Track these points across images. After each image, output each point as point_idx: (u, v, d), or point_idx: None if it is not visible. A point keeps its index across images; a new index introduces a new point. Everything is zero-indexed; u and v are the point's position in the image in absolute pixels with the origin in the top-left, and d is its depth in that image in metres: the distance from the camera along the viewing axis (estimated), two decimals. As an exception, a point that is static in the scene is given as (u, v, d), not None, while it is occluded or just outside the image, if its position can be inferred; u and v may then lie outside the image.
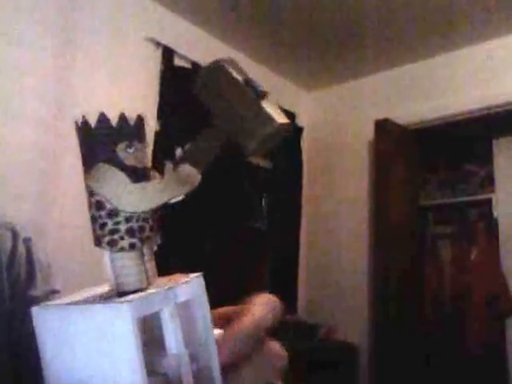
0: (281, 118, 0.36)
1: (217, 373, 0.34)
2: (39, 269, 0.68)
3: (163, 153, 2.61)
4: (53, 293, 0.66)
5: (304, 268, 3.90)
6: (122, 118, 0.34)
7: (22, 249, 0.67)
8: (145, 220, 0.34)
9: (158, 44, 3.03)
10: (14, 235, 0.67)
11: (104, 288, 0.36)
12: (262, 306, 0.37)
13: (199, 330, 0.35)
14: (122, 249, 0.34)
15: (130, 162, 0.33)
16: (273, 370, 0.36)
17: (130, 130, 0.34)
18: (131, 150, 0.33)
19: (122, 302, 0.30)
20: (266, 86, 0.38)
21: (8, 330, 0.61)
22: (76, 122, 0.34)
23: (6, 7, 2.38)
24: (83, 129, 0.34)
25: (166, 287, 0.33)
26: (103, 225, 0.34)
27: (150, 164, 0.35)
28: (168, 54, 3.06)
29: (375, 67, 3.75)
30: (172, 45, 3.07)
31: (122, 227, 0.33)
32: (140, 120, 0.34)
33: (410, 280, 3.47)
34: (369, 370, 3.45)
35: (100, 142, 0.33)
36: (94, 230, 0.34)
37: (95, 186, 0.33)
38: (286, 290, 3.75)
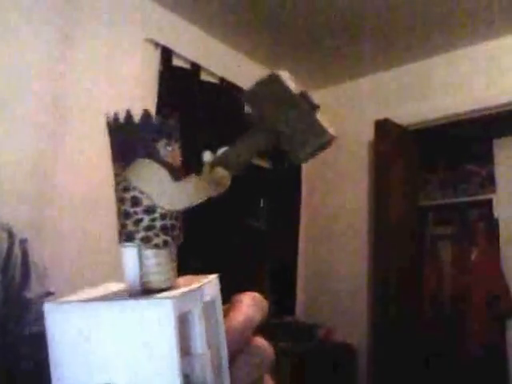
0: (332, 131, 0.39)
1: (227, 374, 0.35)
2: (34, 271, 0.67)
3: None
4: (47, 295, 0.65)
5: (303, 269, 3.89)
6: (162, 117, 0.35)
7: (17, 250, 0.66)
8: (176, 218, 0.35)
9: (156, 44, 3.01)
10: (10, 236, 0.67)
11: (108, 288, 0.35)
12: (250, 306, 0.38)
13: (212, 331, 0.35)
14: (156, 246, 0.34)
15: (168, 159, 0.34)
16: (262, 364, 0.37)
17: (169, 129, 0.35)
18: (170, 149, 0.34)
19: (165, 298, 0.30)
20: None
21: (2, 333, 0.60)
22: (114, 116, 0.34)
23: (3, 7, 2.37)
24: (126, 124, 0.34)
25: (194, 286, 0.34)
26: (139, 221, 0.33)
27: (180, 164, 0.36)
28: (167, 54, 3.04)
29: (375, 67, 3.74)
30: (171, 45, 3.06)
31: (158, 224, 0.34)
32: (175, 121, 0.35)
33: (410, 281, 3.46)
34: (368, 372, 3.44)
35: (142, 137, 0.34)
36: (125, 226, 0.34)
37: (135, 181, 0.34)
38: (284, 291, 3.74)
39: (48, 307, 0.31)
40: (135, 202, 0.34)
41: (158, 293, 0.32)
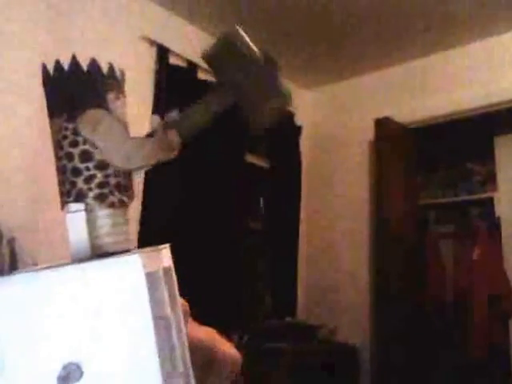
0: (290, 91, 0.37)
1: (185, 340, 0.32)
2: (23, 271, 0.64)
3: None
4: None
5: (303, 269, 3.85)
6: (111, 68, 0.32)
7: (5, 250, 0.64)
8: (130, 177, 0.32)
9: (152, 42, 2.98)
10: None
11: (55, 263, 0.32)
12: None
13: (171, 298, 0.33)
14: (112, 205, 0.30)
15: (117, 113, 0.32)
16: (225, 379, 0.34)
17: (118, 81, 0.32)
18: (119, 103, 0.32)
19: (133, 254, 0.27)
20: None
21: None
22: (56, 64, 0.31)
23: (-5, 4, 2.33)
24: (71, 71, 0.31)
25: (153, 249, 0.31)
26: (91, 177, 0.30)
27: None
28: (163, 52, 3.01)
29: (375, 65, 3.71)
30: (167, 43, 3.02)
31: (112, 181, 0.30)
32: (123, 74, 0.33)
33: (412, 280, 3.43)
34: (371, 373, 3.40)
35: (91, 87, 0.31)
36: (74, 184, 0.30)
37: (88, 134, 0.30)
38: (285, 292, 3.69)
39: None
40: (86, 157, 0.30)
41: (113, 256, 0.29)
